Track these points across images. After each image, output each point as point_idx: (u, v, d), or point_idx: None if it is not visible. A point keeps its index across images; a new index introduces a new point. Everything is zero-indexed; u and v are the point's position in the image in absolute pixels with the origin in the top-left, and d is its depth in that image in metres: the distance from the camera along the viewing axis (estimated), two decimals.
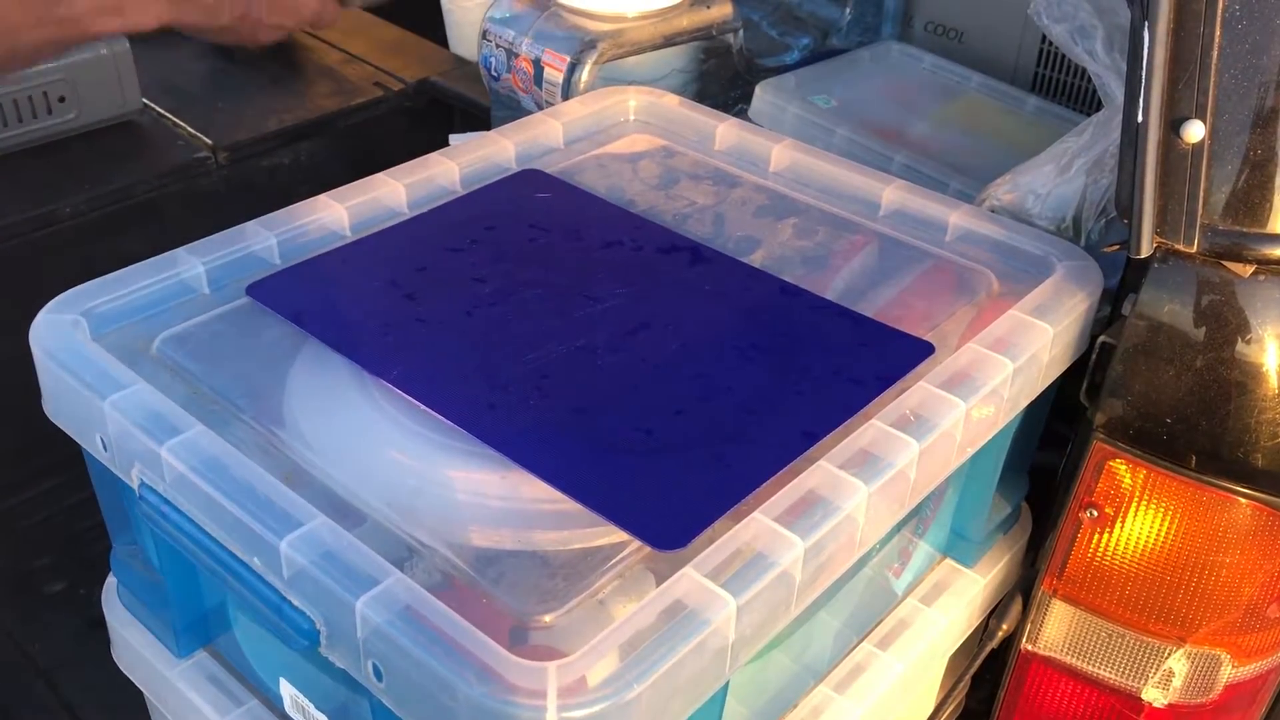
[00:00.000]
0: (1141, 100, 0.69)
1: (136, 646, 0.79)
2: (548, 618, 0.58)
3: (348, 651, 0.57)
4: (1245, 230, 0.71)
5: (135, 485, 0.66)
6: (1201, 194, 0.71)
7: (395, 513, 0.63)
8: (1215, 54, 0.68)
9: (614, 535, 0.62)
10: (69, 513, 1.28)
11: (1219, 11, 0.67)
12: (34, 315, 0.73)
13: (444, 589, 0.58)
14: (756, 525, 0.60)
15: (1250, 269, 0.72)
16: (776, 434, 0.68)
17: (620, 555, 0.61)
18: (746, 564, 0.58)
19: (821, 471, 0.64)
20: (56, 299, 0.75)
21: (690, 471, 0.65)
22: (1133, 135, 0.71)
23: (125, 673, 0.83)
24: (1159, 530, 0.79)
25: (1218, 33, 0.68)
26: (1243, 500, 0.76)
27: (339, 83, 1.49)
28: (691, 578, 0.57)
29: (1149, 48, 0.68)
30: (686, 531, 0.61)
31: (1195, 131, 0.69)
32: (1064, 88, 1.22)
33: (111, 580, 0.83)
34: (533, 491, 0.64)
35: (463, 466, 0.66)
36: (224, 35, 0.79)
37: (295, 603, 0.59)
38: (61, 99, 1.30)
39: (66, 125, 1.32)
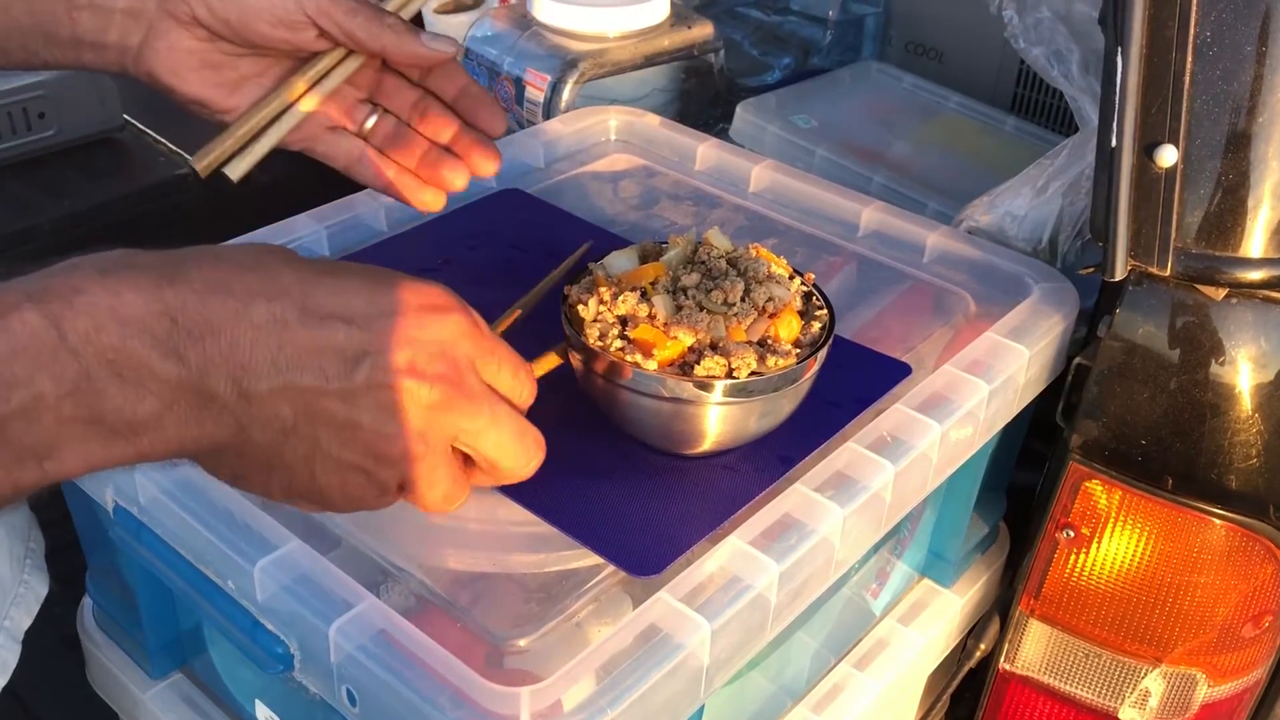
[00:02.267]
0: (1115, 125, 0.70)
1: (111, 667, 0.79)
2: (523, 641, 0.57)
3: (321, 676, 0.57)
4: (1217, 254, 0.72)
5: (109, 508, 0.66)
6: (1174, 218, 0.71)
7: (369, 536, 0.62)
8: (1187, 80, 0.69)
9: (590, 558, 0.62)
10: (43, 533, 1.27)
11: (1190, 39, 0.68)
12: None
13: (418, 613, 0.58)
14: (731, 549, 0.60)
15: (1223, 292, 0.73)
16: (754, 458, 0.68)
17: (596, 579, 0.61)
18: (721, 588, 0.58)
19: (797, 495, 0.64)
20: None
21: (667, 496, 0.65)
22: (1107, 159, 0.71)
23: (99, 693, 0.82)
24: (1134, 551, 0.80)
25: (1189, 59, 0.69)
26: (1217, 521, 0.77)
27: None
28: (666, 602, 0.57)
29: (1122, 73, 0.69)
30: (662, 557, 0.61)
31: (1168, 156, 0.70)
32: (1043, 108, 1.23)
33: (86, 601, 0.82)
34: (509, 514, 0.64)
35: None
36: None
37: (269, 627, 0.59)
38: (41, 115, 1.30)
39: (47, 141, 1.31)
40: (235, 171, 0.69)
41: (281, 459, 0.49)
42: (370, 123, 0.73)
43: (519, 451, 0.54)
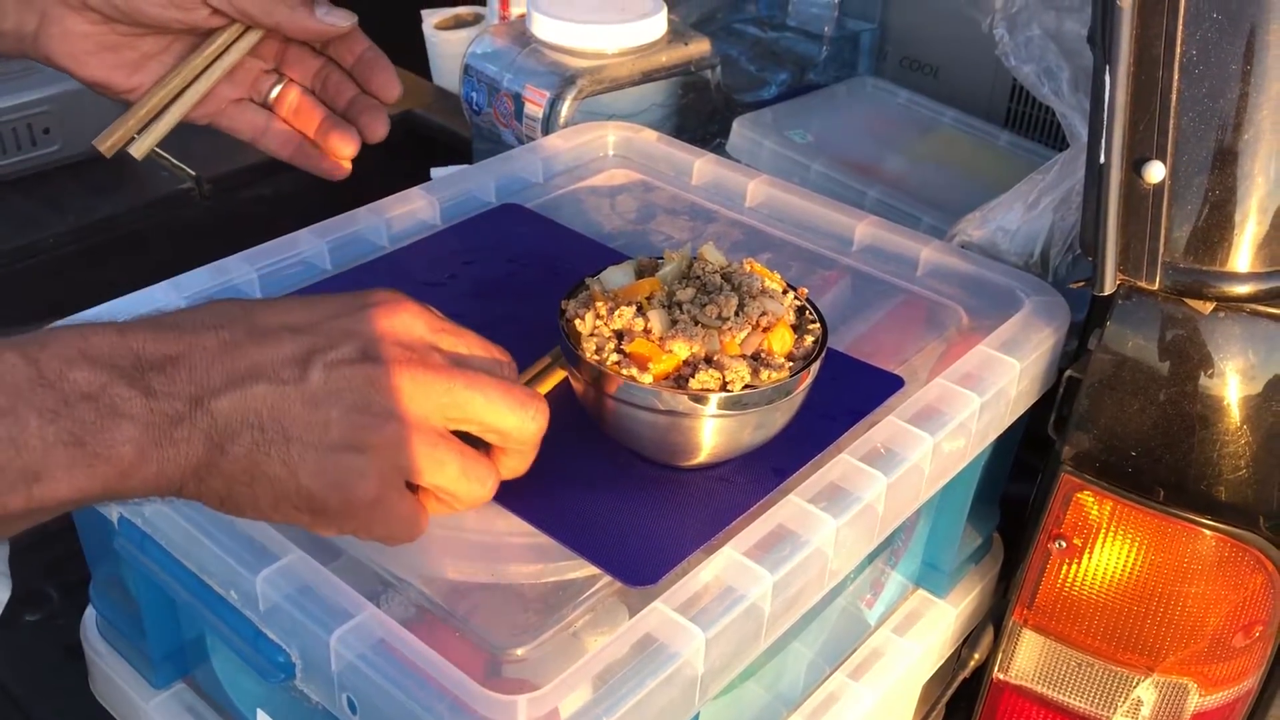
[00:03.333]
0: (1104, 141, 0.71)
1: (114, 677, 0.80)
2: (521, 650, 0.58)
3: (323, 685, 0.58)
4: (1205, 268, 0.73)
5: (114, 519, 0.67)
6: (1163, 233, 0.72)
7: (370, 546, 0.63)
8: (1174, 97, 0.70)
9: (587, 569, 0.63)
10: (47, 543, 1.28)
11: (1177, 57, 0.69)
12: None
13: (418, 622, 0.59)
14: (726, 559, 0.61)
15: (1211, 306, 0.74)
16: (748, 470, 0.69)
17: (593, 589, 0.62)
18: (716, 598, 0.59)
19: (791, 506, 0.65)
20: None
21: (662, 508, 0.66)
22: (1096, 175, 0.72)
23: (102, 703, 0.83)
24: (1126, 561, 0.80)
25: (1176, 77, 0.70)
26: (1207, 532, 0.78)
27: None
28: (661, 612, 0.58)
29: (1110, 90, 0.70)
30: (658, 567, 0.62)
31: (1156, 172, 0.71)
32: (1036, 122, 1.25)
33: (90, 611, 0.83)
34: (507, 526, 0.65)
35: None
36: None
37: (271, 636, 0.60)
38: (46, 130, 1.31)
39: (51, 156, 1.33)
40: (138, 151, 0.70)
41: (261, 469, 0.50)
42: (274, 93, 0.74)
43: (514, 408, 0.54)
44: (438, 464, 0.52)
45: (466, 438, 0.55)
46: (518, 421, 0.54)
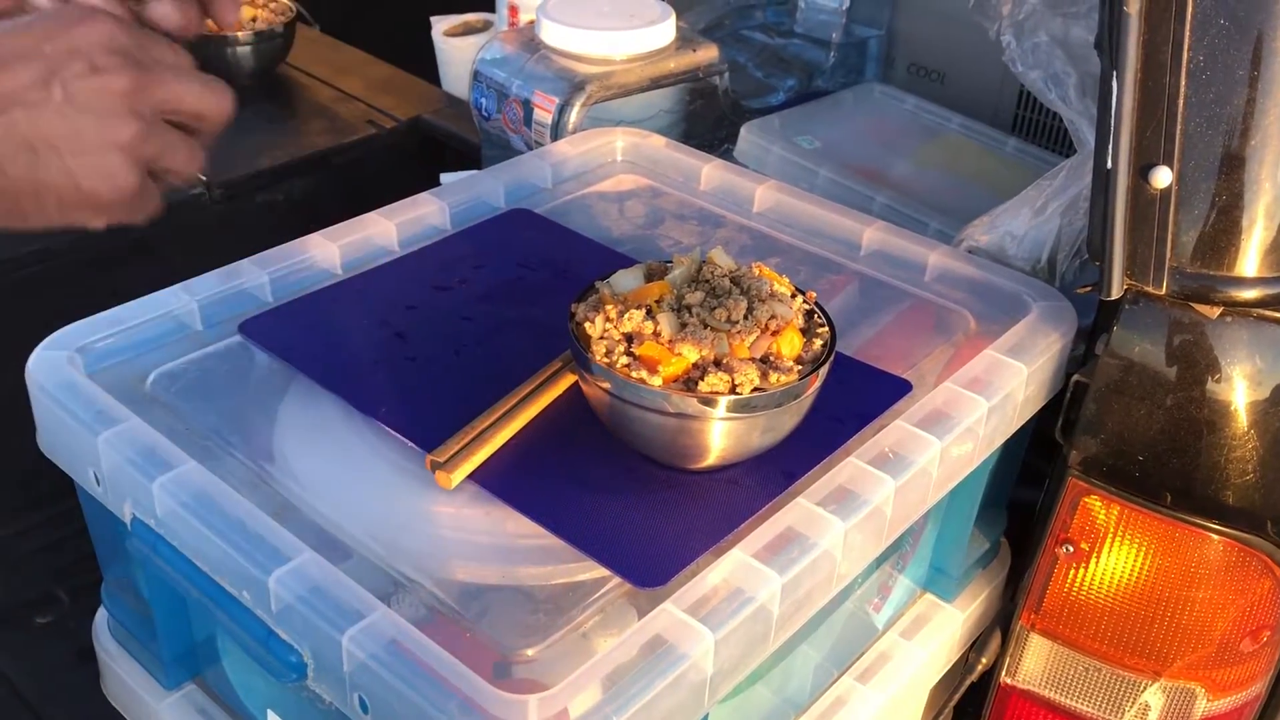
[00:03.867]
0: (1111, 147, 0.72)
1: (125, 678, 0.80)
2: (530, 651, 0.59)
3: (334, 685, 0.58)
4: (1212, 273, 0.73)
5: (127, 520, 0.68)
6: (1169, 238, 0.73)
7: (381, 547, 0.64)
8: (1181, 103, 0.70)
9: (596, 570, 0.63)
10: (59, 545, 1.29)
11: (1184, 62, 0.70)
12: (28, 349, 0.75)
13: (429, 623, 0.60)
14: (735, 561, 0.62)
15: (1218, 311, 0.74)
16: (757, 473, 0.69)
17: (602, 590, 0.62)
18: (724, 599, 0.59)
19: (799, 509, 0.65)
20: (52, 336, 0.76)
21: (671, 510, 0.66)
22: (1103, 180, 0.73)
23: (114, 704, 0.83)
24: (1133, 566, 0.81)
25: (1183, 83, 0.70)
26: (1215, 536, 0.78)
27: (332, 120, 1.51)
28: (670, 613, 0.58)
29: (1117, 96, 0.70)
30: (667, 569, 0.62)
31: (1163, 177, 0.71)
32: (1043, 128, 1.25)
33: (101, 613, 0.84)
34: (517, 527, 0.65)
35: (448, 502, 0.67)
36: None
37: (283, 636, 0.60)
38: None
39: None
40: (457, 478, 0.69)
41: (43, 181, 0.58)
42: None
43: (210, 94, 0.63)
44: (171, 149, 0.61)
45: None
46: (216, 102, 0.63)
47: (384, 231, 0.90)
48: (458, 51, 1.59)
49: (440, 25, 1.62)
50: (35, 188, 0.58)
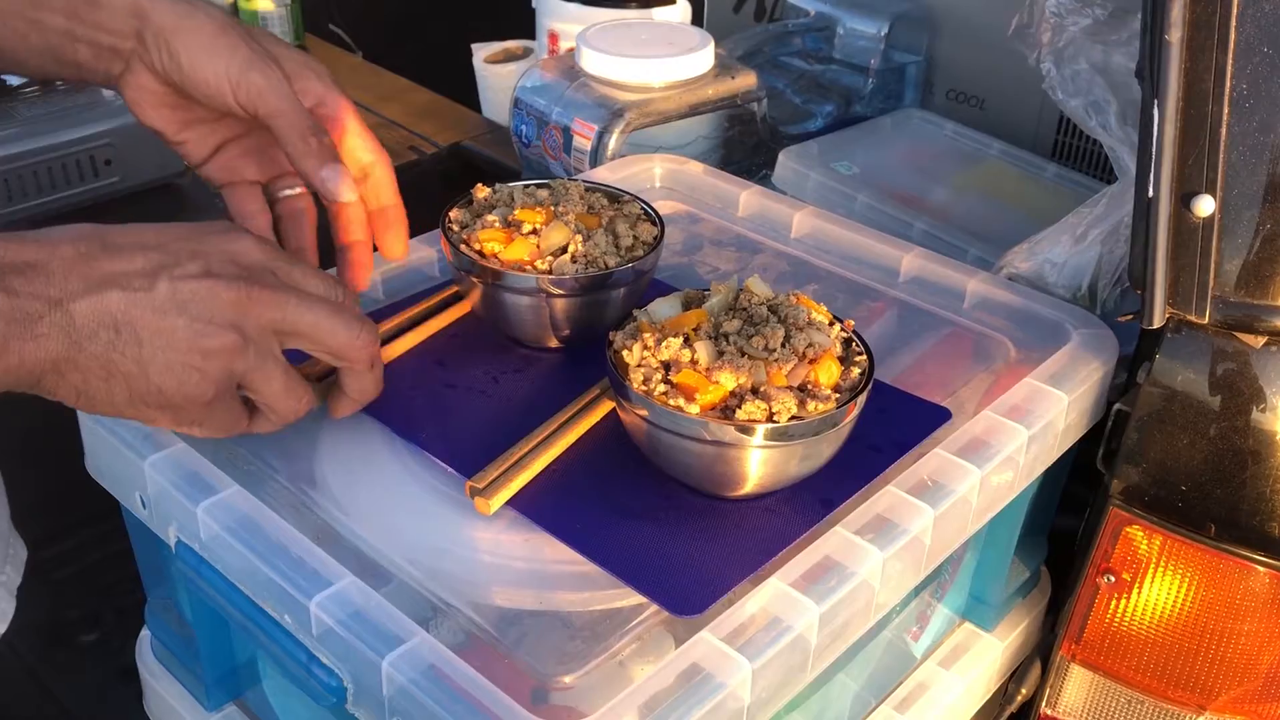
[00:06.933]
0: (1153, 175, 0.71)
1: (168, 698, 0.81)
2: (568, 678, 0.59)
3: (374, 709, 0.59)
4: (1256, 302, 0.72)
5: (171, 543, 0.69)
6: (1212, 266, 0.72)
7: (421, 572, 0.64)
8: (1224, 132, 0.70)
9: (634, 598, 0.63)
10: (104, 565, 1.31)
11: (1227, 90, 0.69)
12: None
13: (467, 648, 0.60)
14: (772, 590, 0.61)
15: (1262, 340, 0.74)
16: (794, 501, 0.69)
17: (640, 617, 0.62)
18: (762, 628, 0.59)
19: (837, 537, 0.65)
20: None
21: (709, 538, 0.67)
22: (1144, 209, 0.72)
23: None
24: (1176, 597, 0.80)
25: (1226, 111, 0.70)
26: (1260, 568, 0.77)
27: None
28: (708, 641, 0.58)
29: (1159, 124, 0.70)
30: (705, 597, 0.62)
31: (1205, 206, 0.71)
32: (1083, 154, 1.24)
33: (145, 633, 0.85)
34: (554, 554, 0.66)
35: (487, 528, 0.68)
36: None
37: (324, 660, 0.61)
38: (108, 162, 1.34)
39: (111, 188, 1.36)
40: (495, 504, 0.70)
41: (116, 367, 0.57)
42: (286, 193, 0.79)
43: (341, 325, 0.61)
44: (266, 377, 0.60)
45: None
46: (347, 337, 0.61)
47: (425, 258, 0.91)
48: (498, 78, 1.61)
49: (481, 52, 1.64)
50: (107, 369, 0.57)
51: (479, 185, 0.84)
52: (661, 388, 0.65)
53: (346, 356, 0.63)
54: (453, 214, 0.82)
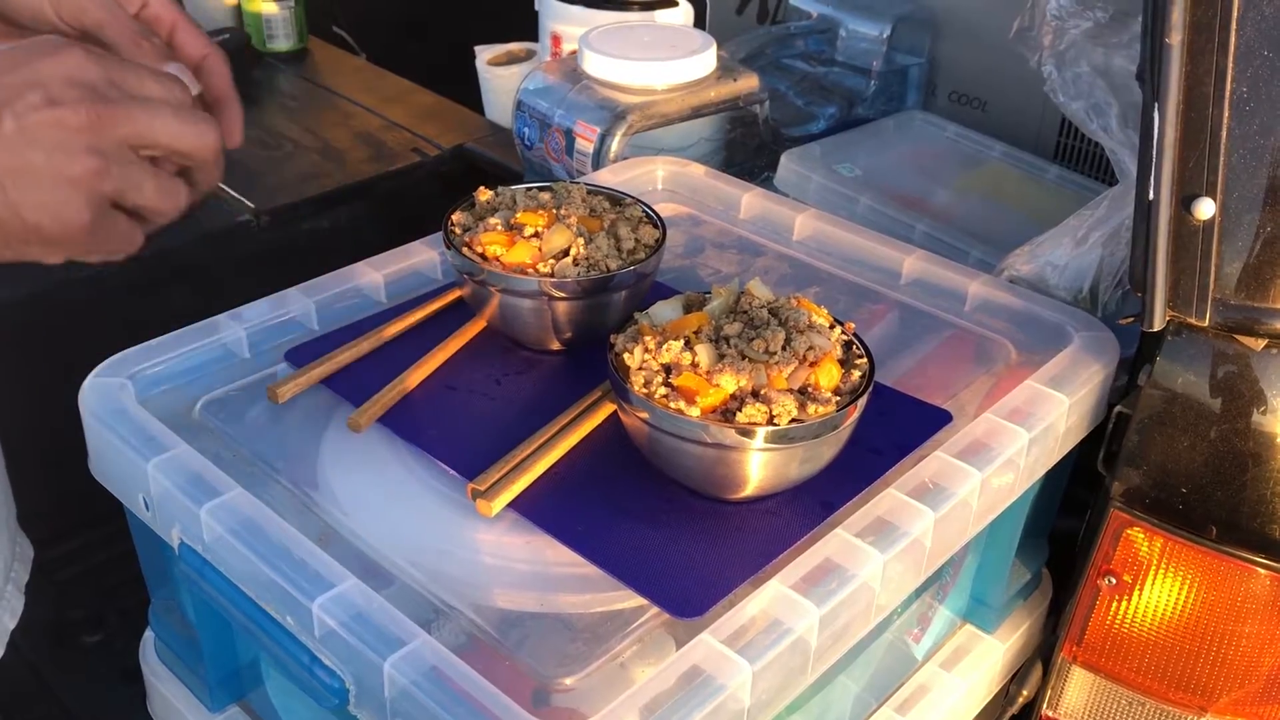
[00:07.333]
0: (1153, 177, 0.71)
1: (171, 699, 0.81)
2: (569, 680, 0.59)
3: (376, 710, 0.59)
4: (1256, 305, 0.72)
5: (175, 545, 0.69)
6: (1213, 269, 0.72)
7: (423, 574, 0.65)
8: (1225, 134, 0.70)
9: (635, 600, 0.63)
10: (108, 566, 1.31)
11: (1227, 93, 0.69)
12: (77, 373, 0.76)
13: (468, 650, 0.60)
14: (773, 592, 0.62)
15: (1263, 343, 0.74)
16: (795, 503, 0.69)
17: (641, 619, 0.63)
18: (762, 630, 0.60)
19: (838, 540, 0.65)
20: (105, 363, 0.78)
21: (710, 540, 0.67)
22: (1145, 211, 0.72)
23: None
24: (1177, 599, 0.80)
25: (1226, 114, 0.70)
26: (1261, 570, 0.77)
27: (377, 148, 1.53)
28: (708, 644, 0.59)
29: (1160, 127, 0.70)
30: (705, 599, 0.62)
31: (1206, 209, 0.71)
32: (1085, 156, 1.24)
33: (148, 634, 0.85)
34: (556, 556, 0.66)
35: (488, 530, 0.68)
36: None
37: (326, 661, 0.61)
38: None
39: None
40: (498, 506, 0.69)
41: None
42: None
43: (187, 131, 0.59)
44: (136, 186, 0.58)
45: None
46: (196, 138, 0.60)
47: (428, 259, 0.91)
48: (501, 80, 1.61)
49: (484, 55, 1.64)
50: None
51: (481, 188, 0.84)
52: (662, 390, 0.66)
53: (196, 156, 0.61)
54: (455, 217, 0.82)
